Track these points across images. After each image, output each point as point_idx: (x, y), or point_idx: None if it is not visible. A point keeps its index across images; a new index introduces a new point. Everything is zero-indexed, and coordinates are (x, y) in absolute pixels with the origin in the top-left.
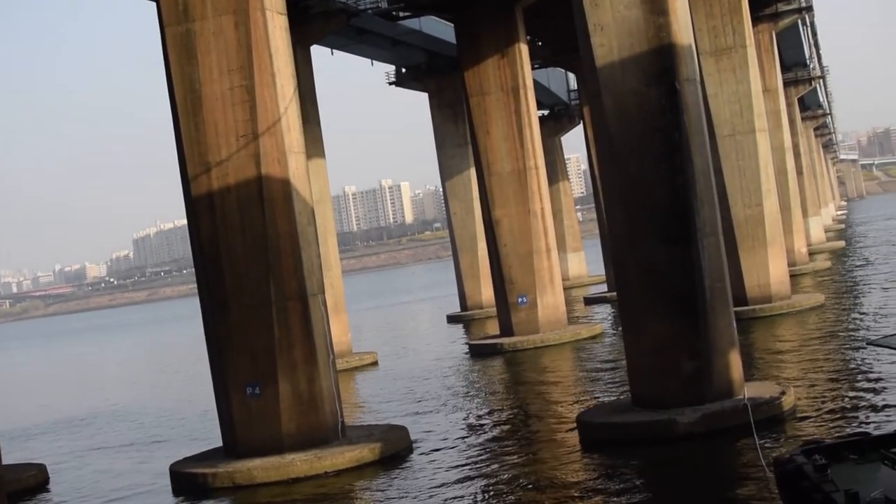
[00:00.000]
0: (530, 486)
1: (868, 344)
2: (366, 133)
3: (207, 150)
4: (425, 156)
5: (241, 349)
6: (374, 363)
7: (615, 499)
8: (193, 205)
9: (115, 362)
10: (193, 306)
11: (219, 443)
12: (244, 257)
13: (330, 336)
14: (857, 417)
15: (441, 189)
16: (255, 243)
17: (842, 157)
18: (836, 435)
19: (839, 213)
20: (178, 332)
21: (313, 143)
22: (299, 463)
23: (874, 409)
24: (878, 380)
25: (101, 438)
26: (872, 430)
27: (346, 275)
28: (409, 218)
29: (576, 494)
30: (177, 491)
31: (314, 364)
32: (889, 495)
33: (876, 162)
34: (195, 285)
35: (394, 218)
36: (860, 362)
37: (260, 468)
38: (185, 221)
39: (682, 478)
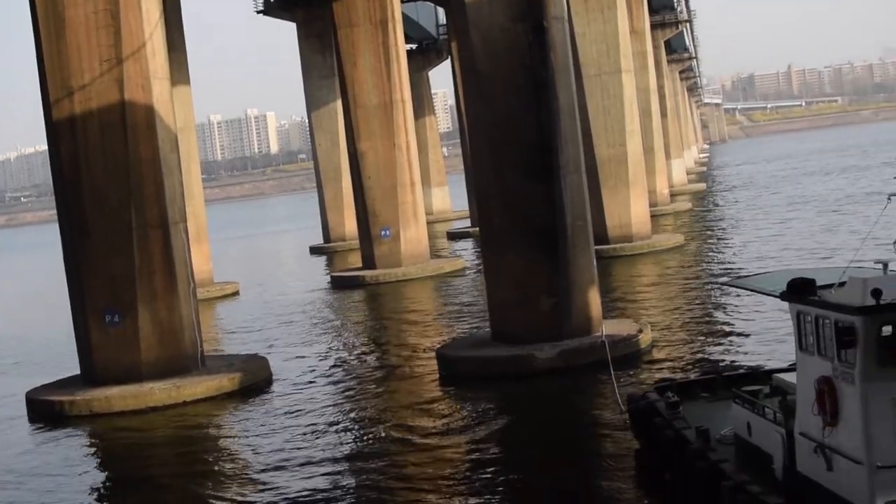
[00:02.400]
0: (388, 416)
1: (723, 285)
2: (232, 62)
3: (70, 75)
4: (292, 86)
5: (101, 276)
6: (236, 293)
7: (472, 431)
8: (55, 129)
9: None
10: (54, 233)
11: (77, 370)
12: (105, 183)
13: (191, 265)
14: (710, 356)
15: (307, 120)
16: (117, 169)
17: (706, 100)
18: (689, 373)
19: (701, 155)
20: (38, 259)
21: (178, 69)
22: (158, 392)
23: (727, 348)
24: (731, 320)
25: None
26: (724, 369)
27: (209, 204)
28: (274, 148)
29: (432, 425)
30: (33, 418)
31: (174, 293)
32: (738, 432)
33: (739, 107)
34: (56, 211)
35: (259, 148)
36: (716, 302)
37: (118, 396)
38: (46, 146)
39: (538, 412)
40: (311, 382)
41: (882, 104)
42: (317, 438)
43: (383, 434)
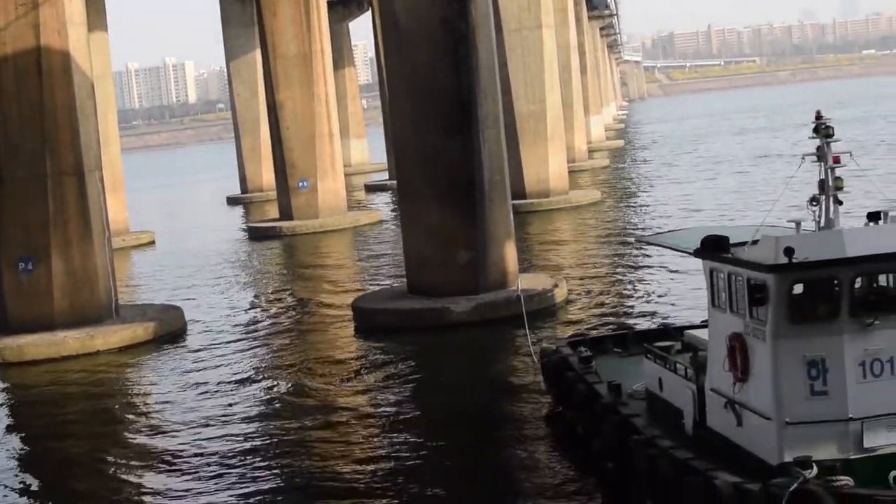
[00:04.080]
0: (303, 367)
1: (637, 241)
2: (150, 10)
3: None
4: (211, 35)
5: (14, 223)
6: (151, 243)
7: (386, 385)
8: None
9: None
10: None
11: None
12: (20, 128)
13: (106, 214)
14: (623, 312)
15: (226, 70)
16: (32, 115)
17: (625, 58)
18: (603, 328)
19: (620, 113)
20: None
21: (96, 15)
22: (71, 341)
23: (640, 304)
24: (645, 277)
25: None
26: (637, 324)
27: (125, 153)
28: (192, 98)
29: (346, 375)
30: None
31: (89, 241)
32: (650, 388)
33: (658, 65)
34: None
35: (177, 97)
36: (630, 259)
37: (31, 345)
38: None
39: (453, 364)
40: (225, 333)
41: (799, 66)
42: (230, 389)
43: (296, 387)
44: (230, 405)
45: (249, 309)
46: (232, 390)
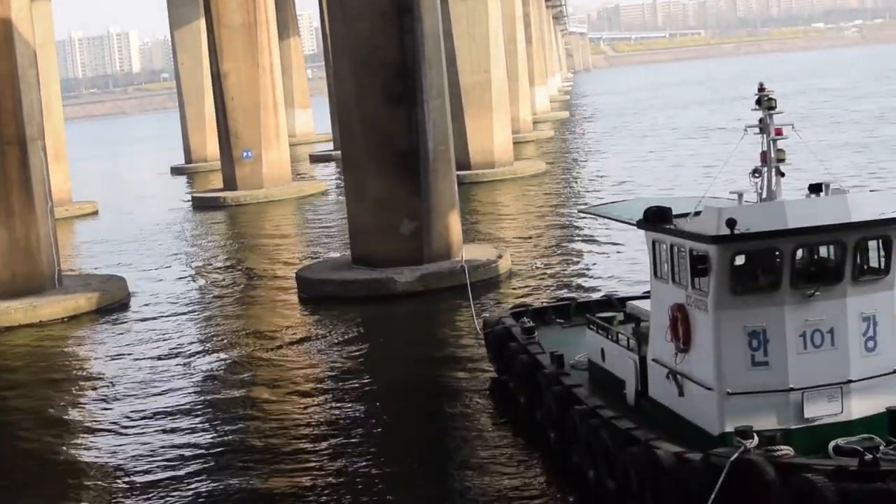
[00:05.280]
0: (246, 336)
1: (581, 212)
2: None
3: None
4: (155, 4)
5: None
6: (95, 213)
7: (330, 355)
8: None
9: None
10: None
11: None
12: None
13: (49, 183)
14: (566, 283)
15: (170, 39)
16: None
17: (571, 29)
18: (546, 299)
19: (565, 84)
20: None
21: None
22: (13, 311)
23: (583, 275)
24: (588, 248)
25: None
26: (579, 295)
27: (68, 122)
28: (136, 67)
29: (290, 344)
30: None
31: (31, 211)
32: (592, 358)
33: (604, 36)
34: None
35: (120, 66)
36: (574, 230)
37: None
38: None
39: (397, 335)
40: (169, 303)
41: (744, 38)
42: (173, 359)
43: (238, 357)
44: (173, 375)
45: (193, 279)
46: (175, 360)
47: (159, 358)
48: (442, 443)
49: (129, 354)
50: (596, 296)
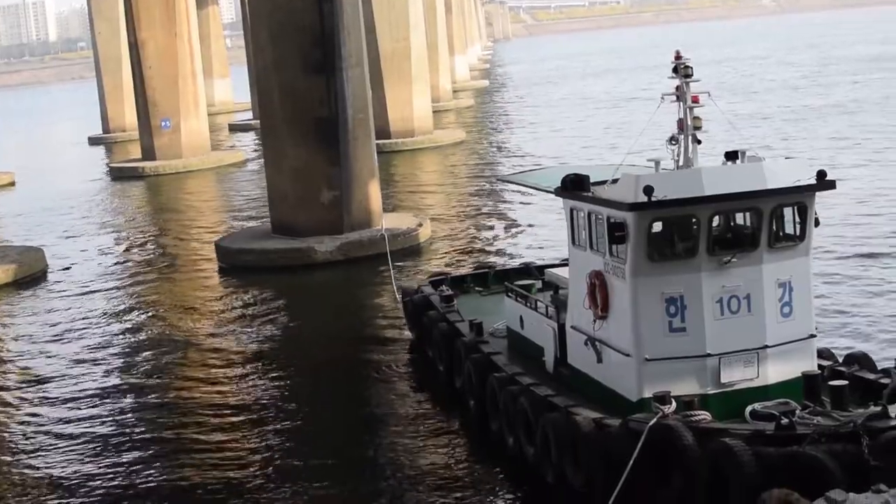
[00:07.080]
0: (165, 307)
1: (499, 180)
2: None
3: None
4: None
5: None
6: (12, 184)
7: (249, 326)
8: None
9: None
10: None
11: None
12: None
13: None
14: (485, 251)
15: (87, 8)
16: None
17: None
18: (465, 267)
19: (485, 53)
20: None
21: None
22: None
23: (502, 243)
24: (507, 216)
25: None
26: (498, 263)
27: None
28: (52, 36)
29: (209, 313)
30: None
31: None
32: (511, 326)
33: (524, 5)
34: None
35: (37, 35)
36: (493, 198)
37: None
38: None
39: (317, 304)
40: (87, 274)
41: (663, 7)
42: (92, 331)
43: (158, 328)
44: (92, 347)
45: (112, 250)
46: (94, 332)
47: (77, 329)
48: (361, 411)
49: (47, 326)
50: (514, 263)
